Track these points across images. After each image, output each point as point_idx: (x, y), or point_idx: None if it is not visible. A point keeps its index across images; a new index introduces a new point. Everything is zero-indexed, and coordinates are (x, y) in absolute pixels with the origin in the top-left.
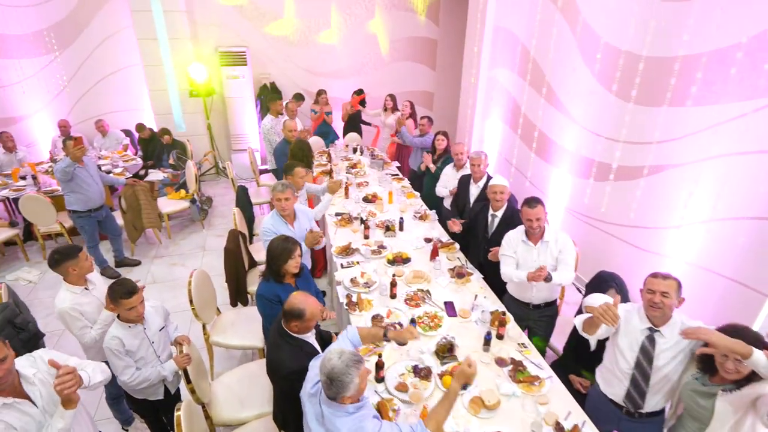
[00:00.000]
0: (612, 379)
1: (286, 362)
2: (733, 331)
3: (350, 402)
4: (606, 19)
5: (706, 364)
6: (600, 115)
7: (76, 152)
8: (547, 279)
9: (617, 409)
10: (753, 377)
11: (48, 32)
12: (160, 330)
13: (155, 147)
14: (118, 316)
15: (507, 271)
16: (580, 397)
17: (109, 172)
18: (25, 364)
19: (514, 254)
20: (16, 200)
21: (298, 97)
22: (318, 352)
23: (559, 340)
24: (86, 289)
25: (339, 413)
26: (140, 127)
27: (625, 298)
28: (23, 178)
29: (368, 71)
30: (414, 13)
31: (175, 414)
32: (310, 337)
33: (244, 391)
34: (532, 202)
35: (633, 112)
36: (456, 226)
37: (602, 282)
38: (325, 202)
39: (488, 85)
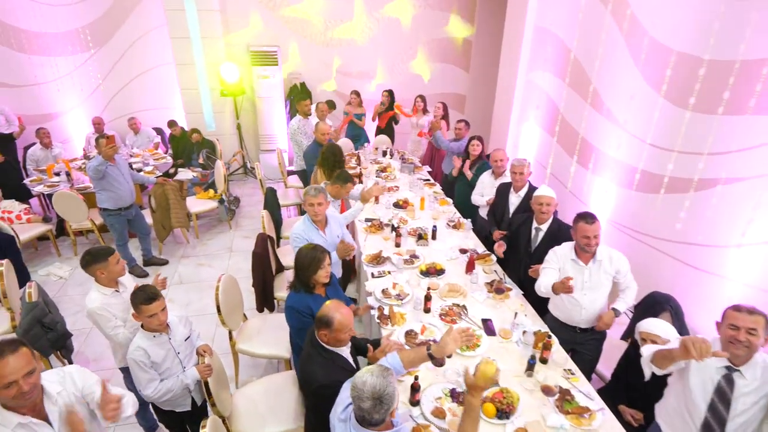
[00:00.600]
0: (677, 422)
1: (317, 375)
2: None
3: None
4: (660, 19)
5: None
6: (652, 121)
7: (108, 150)
8: (617, 314)
9: None
10: None
11: (84, 31)
12: (186, 340)
13: (185, 145)
14: (142, 326)
15: (541, 281)
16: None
17: (139, 171)
18: (53, 379)
19: (558, 271)
20: (50, 196)
21: (331, 105)
22: (353, 368)
23: (605, 365)
24: (117, 291)
25: None
26: (172, 123)
27: (680, 324)
28: (57, 174)
29: (400, 72)
30: (449, 13)
31: (201, 431)
32: (344, 351)
33: (267, 405)
34: (589, 217)
35: (690, 119)
36: (501, 247)
37: (655, 304)
38: (355, 209)
39: (526, 88)
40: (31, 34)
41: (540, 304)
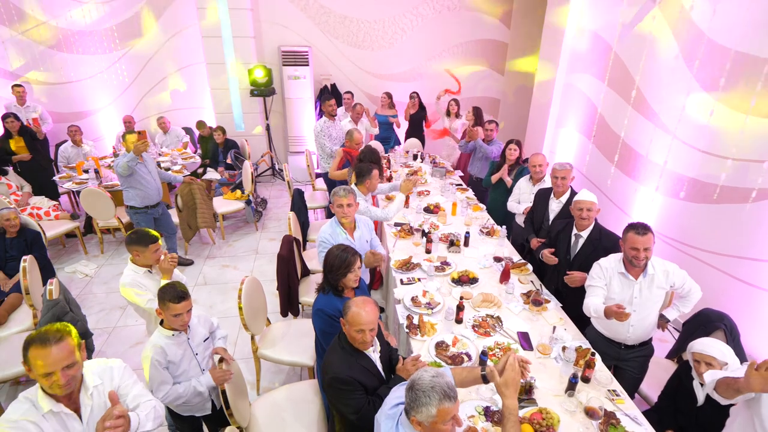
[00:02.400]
0: None
1: (333, 366)
2: None
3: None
4: (715, 15)
5: None
6: (702, 127)
7: (140, 146)
8: (665, 321)
9: None
10: None
11: (117, 29)
12: (204, 341)
13: (213, 146)
14: (161, 323)
15: (589, 302)
16: None
17: (167, 170)
18: (95, 371)
19: (605, 287)
20: (78, 193)
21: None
22: (380, 374)
23: (648, 384)
24: (149, 271)
25: None
26: (201, 124)
27: (736, 345)
28: (86, 171)
29: (433, 75)
30: (484, 14)
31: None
32: (372, 354)
33: (288, 415)
34: (640, 228)
35: (748, 124)
36: (551, 259)
37: (707, 322)
38: (397, 202)
39: (564, 92)
40: (65, 32)
41: (579, 316)
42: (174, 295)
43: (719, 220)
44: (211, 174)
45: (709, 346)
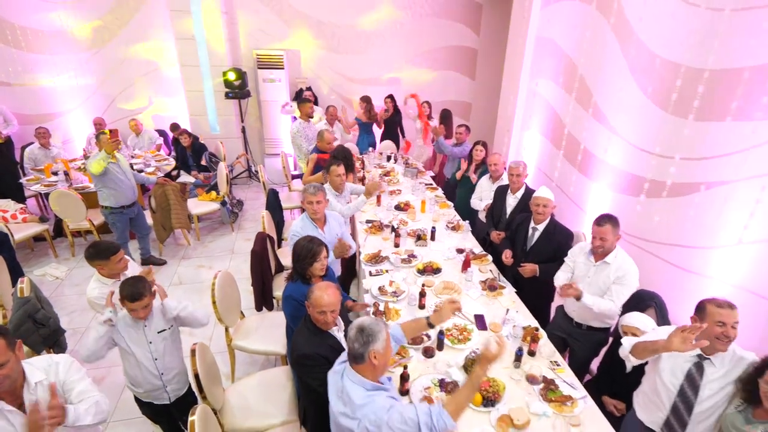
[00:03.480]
0: (650, 406)
1: (300, 345)
2: None
3: (371, 375)
4: (658, 31)
5: (750, 393)
6: (644, 127)
7: (111, 145)
8: (578, 298)
9: None
10: None
11: (87, 30)
12: (159, 332)
13: (181, 149)
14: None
15: (558, 275)
16: (615, 421)
17: (140, 171)
18: (40, 366)
19: (573, 264)
20: (47, 196)
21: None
22: (342, 347)
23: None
24: (117, 281)
25: (356, 386)
26: (175, 126)
27: (664, 320)
28: (55, 173)
29: (407, 79)
30: (454, 21)
31: (189, 419)
32: (336, 332)
33: (259, 399)
34: (602, 220)
35: (666, 121)
36: (499, 236)
37: (641, 301)
38: (358, 201)
39: (528, 96)
40: (31, 32)
41: (532, 301)
42: (128, 293)
43: (657, 212)
44: (185, 177)
45: (635, 319)
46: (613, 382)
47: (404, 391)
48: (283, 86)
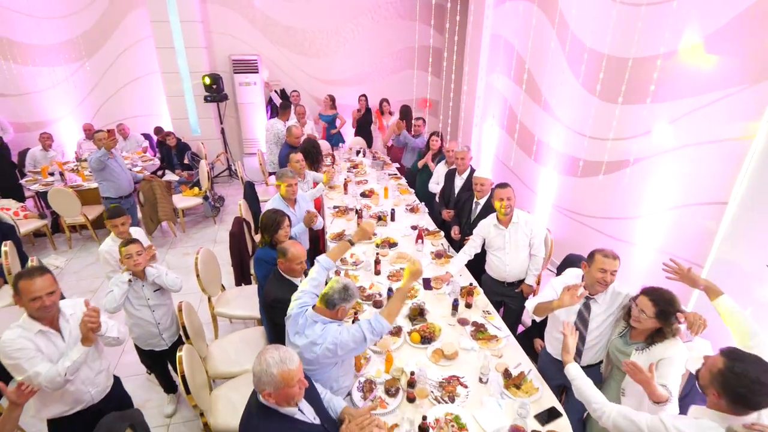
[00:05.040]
0: (554, 341)
1: (271, 291)
2: (651, 290)
3: (329, 317)
4: (587, 24)
5: (629, 318)
6: (580, 113)
7: (109, 143)
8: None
9: (560, 363)
10: (658, 339)
11: (75, 42)
12: (155, 291)
13: (167, 149)
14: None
15: (462, 251)
16: (536, 358)
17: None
18: (67, 304)
19: (481, 239)
20: (44, 196)
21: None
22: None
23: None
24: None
25: (317, 322)
26: (158, 129)
27: None
28: (52, 174)
29: (376, 79)
30: (419, 23)
31: (177, 355)
32: (298, 281)
33: (238, 351)
34: (503, 184)
35: (598, 106)
36: (449, 214)
37: (570, 264)
38: (318, 189)
39: (486, 90)
40: (24, 46)
41: (477, 269)
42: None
43: (592, 189)
44: (170, 176)
45: (555, 280)
46: (540, 330)
47: None
48: (258, 89)
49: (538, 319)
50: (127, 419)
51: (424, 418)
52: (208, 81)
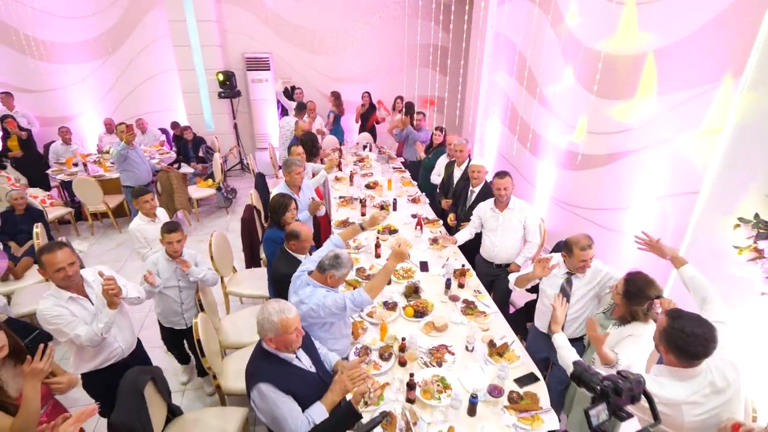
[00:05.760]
0: (540, 316)
1: (280, 268)
2: (634, 273)
3: (320, 282)
4: (584, 23)
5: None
6: (575, 108)
7: (128, 137)
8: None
9: (546, 337)
10: (632, 319)
11: (96, 41)
12: (186, 275)
13: (183, 143)
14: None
15: (461, 234)
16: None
17: None
18: (88, 272)
19: (479, 220)
20: (68, 186)
21: (301, 107)
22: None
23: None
24: (153, 221)
25: (309, 285)
26: (175, 124)
27: None
28: (76, 165)
29: (383, 76)
30: (426, 21)
31: (194, 321)
32: (303, 258)
33: (247, 324)
34: (502, 174)
35: (593, 102)
36: (447, 203)
37: (560, 249)
38: (320, 176)
39: (489, 88)
40: (49, 44)
41: (472, 254)
42: (167, 228)
43: (585, 182)
44: (185, 168)
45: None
46: (529, 312)
47: None
48: (269, 86)
49: (517, 290)
50: (149, 373)
51: (412, 375)
52: (221, 77)
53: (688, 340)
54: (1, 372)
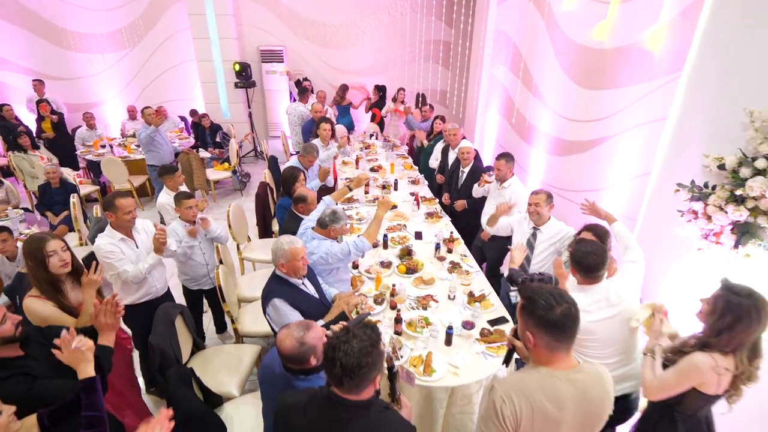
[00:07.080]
0: (508, 264)
1: (289, 227)
2: (591, 224)
3: (324, 235)
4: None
5: None
6: (564, 99)
7: (158, 120)
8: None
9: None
10: None
11: (121, 32)
12: (205, 236)
13: (201, 130)
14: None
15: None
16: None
17: None
18: (138, 221)
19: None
20: (95, 167)
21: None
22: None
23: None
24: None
25: (315, 238)
26: (193, 112)
27: None
28: (103, 146)
29: (391, 70)
30: (432, 17)
31: (215, 272)
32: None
33: (260, 283)
34: (500, 156)
35: (578, 92)
36: (441, 177)
37: None
38: (331, 150)
39: (490, 82)
40: (78, 35)
41: (464, 229)
42: (183, 195)
43: (570, 166)
44: (203, 153)
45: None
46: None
47: (355, 266)
48: (283, 77)
49: (490, 230)
50: (178, 308)
51: (398, 310)
52: (238, 67)
53: (585, 255)
54: (66, 285)
